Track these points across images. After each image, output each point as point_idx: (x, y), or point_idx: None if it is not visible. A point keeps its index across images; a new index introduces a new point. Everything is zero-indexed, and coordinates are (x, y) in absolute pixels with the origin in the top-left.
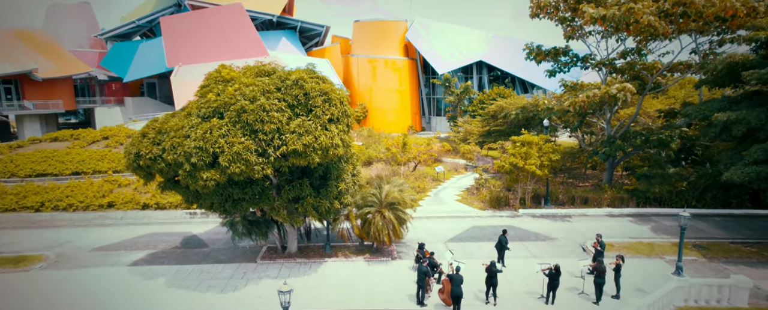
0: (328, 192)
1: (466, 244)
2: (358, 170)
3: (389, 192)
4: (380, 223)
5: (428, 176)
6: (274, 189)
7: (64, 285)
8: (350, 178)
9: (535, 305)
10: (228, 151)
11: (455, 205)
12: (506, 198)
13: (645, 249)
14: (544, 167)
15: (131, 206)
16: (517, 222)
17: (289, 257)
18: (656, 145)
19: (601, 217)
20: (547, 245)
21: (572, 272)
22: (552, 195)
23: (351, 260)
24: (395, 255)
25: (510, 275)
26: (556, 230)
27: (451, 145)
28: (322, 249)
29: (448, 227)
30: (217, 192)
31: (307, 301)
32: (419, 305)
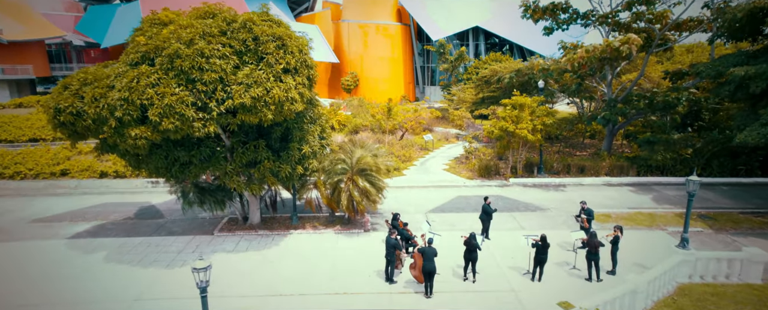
0: (289, 156)
1: (449, 215)
2: (328, 133)
3: (361, 157)
4: (351, 191)
5: (416, 145)
6: (227, 152)
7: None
8: (317, 141)
9: (519, 282)
10: (158, 104)
11: (442, 174)
12: (497, 167)
13: (645, 220)
14: (537, 131)
15: (88, 174)
16: (506, 192)
17: (250, 229)
18: (661, 108)
19: (598, 186)
20: (538, 215)
21: (563, 245)
22: (546, 163)
23: (319, 232)
24: (369, 227)
25: (494, 249)
26: (549, 200)
27: (441, 113)
28: (289, 221)
29: (431, 197)
30: (160, 155)
31: (259, 278)
32: (388, 282)
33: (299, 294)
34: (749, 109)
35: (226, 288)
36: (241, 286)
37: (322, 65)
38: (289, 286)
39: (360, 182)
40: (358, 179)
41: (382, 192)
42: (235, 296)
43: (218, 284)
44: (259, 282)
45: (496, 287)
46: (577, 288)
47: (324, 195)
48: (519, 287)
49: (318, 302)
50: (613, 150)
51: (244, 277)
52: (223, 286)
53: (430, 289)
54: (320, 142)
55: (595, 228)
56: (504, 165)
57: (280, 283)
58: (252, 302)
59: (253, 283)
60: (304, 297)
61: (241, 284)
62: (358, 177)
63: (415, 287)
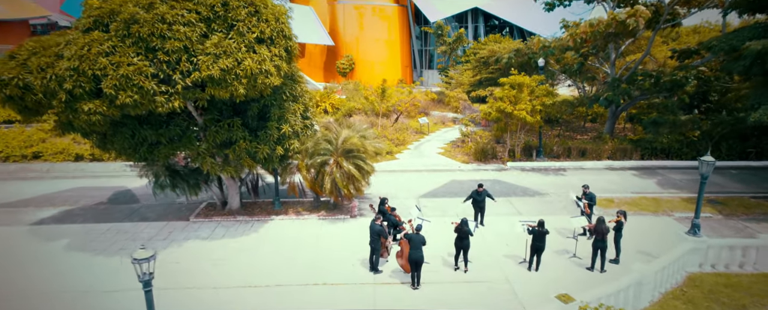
0: (267, 135)
1: (441, 200)
2: (313, 112)
3: (347, 137)
4: (335, 174)
5: (411, 129)
6: (199, 131)
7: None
8: (300, 120)
9: (515, 272)
10: (113, 75)
11: (436, 158)
12: (494, 150)
13: (650, 205)
14: (536, 113)
15: (62, 157)
16: (503, 176)
17: (229, 214)
18: (668, 88)
19: (600, 170)
20: (536, 200)
21: (562, 231)
22: (545, 147)
23: (302, 218)
24: (355, 213)
25: (489, 235)
26: (548, 184)
27: (438, 96)
28: (271, 206)
29: (424, 182)
30: (125, 134)
31: (234, 268)
32: (372, 271)
33: (276, 285)
34: (765, 86)
35: (196, 279)
36: (214, 276)
37: (318, 48)
38: (265, 276)
39: (345, 165)
40: (343, 162)
41: (368, 176)
42: (207, 287)
43: (188, 275)
44: (233, 272)
45: (490, 277)
46: (578, 278)
47: (307, 178)
48: (514, 277)
49: (295, 294)
50: (615, 134)
51: (217, 266)
52: (194, 276)
53: (418, 279)
54: (303, 121)
55: (597, 214)
56: (501, 149)
57: (256, 273)
58: (224, 295)
59: (227, 273)
60: (281, 289)
61: (214, 275)
62: (343, 159)
63: (401, 277)
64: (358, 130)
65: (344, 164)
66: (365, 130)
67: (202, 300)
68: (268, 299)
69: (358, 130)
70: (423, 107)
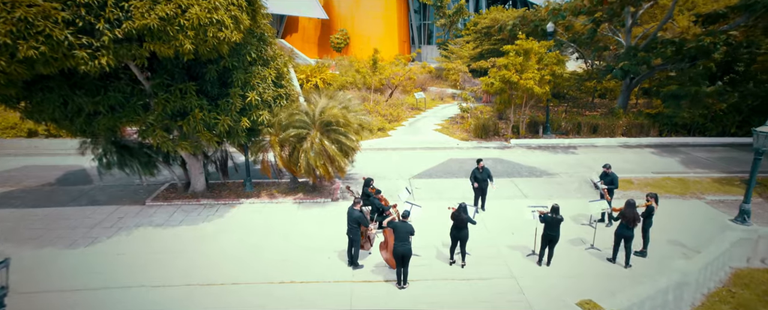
0: (229, 105)
1: (437, 181)
2: (288, 79)
3: (326, 108)
4: (311, 151)
5: (406, 105)
6: (146, 98)
7: None
8: (271, 88)
9: (522, 267)
10: (7, 18)
11: (432, 135)
12: (496, 127)
13: (676, 187)
14: (545, 83)
15: (14, 133)
16: (507, 154)
17: (191, 197)
18: (693, 55)
19: (614, 148)
20: (544, 182)
21: (577, 218)
22: (553, 123)
23: (275, 202)
24: (337, 195)
25: (490, 222)
26: (557, 163)
27: (437, 71)
28: (242, 187)
29: (418, 160)
30: (53, 100)
31: (187, 261)
32: (351, 266)
33: (233, 283)
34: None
35: (139, 274)
36: (161, 271)
37: (312, 22)
38: (223, 272)
39: (322, 140)
40: (320, 137)
41: (352, 154)
42: (150, 286)
43: (130, 270)
44: (186, 266)
45: (492, 274)
46: (598, 274)
47: (281, 156)
48: (521, 272)
49: (256, 295)
50: (629, 108)
51: (169, 259)
52: (137, 271)
53: (404, 276)
54: (276, 89)
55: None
56: (504, 125)
57: (214, 267)
58: (171, 294)
59: (177, 267)
60: (240, 288)
61: (162, 269)
62: (321, 134)
63: (385, 274)
64: (341, 101)
65: (322, 139)
66: (348, 101)
67: (143, 300)
68: (221, 303)
69: (340, 101)
70: (420, 83)
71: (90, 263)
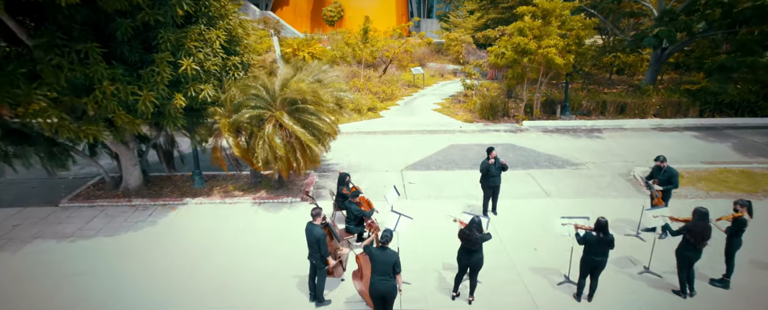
0: (154, 75)
1: (435, 173)
2: (245, 44)
3: (290, 81)
4: (272, 138)
5: (402, 82)
6: (32, 63)
7: None
8: (220, 54)
9: (553, 301)
10: None
11: (431, 116)
12: (505, 106)
13: (741, 181)
14: (570, 51)
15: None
16: (519, 139)
17: (122, 196)
18: (747, 17)
19: (646, 131)
20: (568, 174)
21: (619, 226)
22: (572, 102)
23: (230, 202)
24: (310, 193)
25: (504, 231)
26: (581, 150)
27: (436, 45)
28: (190, 183)
29: (413, 147)
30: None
31: (87, 290)
32: (313, 302)
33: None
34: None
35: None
36: (48, 304)
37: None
38: (137, 306)
39: (287, 123)
40: (283, 119)
41: (325, 141)
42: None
43: (23, 290)
44: (84, 296)
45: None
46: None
47: (236, 144)
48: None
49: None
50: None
51: (62, 286)
52: (15, 303)
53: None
54: (227, 58)
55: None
56: (514, 104)
57: (122, 299)
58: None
59: (72, 298)
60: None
61: (50, 301)
62: (284, 115)
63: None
64: (313, 73)
65: (286, 121)
66: (323, 73)
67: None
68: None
69: (312, 73)
70: (418, 57)
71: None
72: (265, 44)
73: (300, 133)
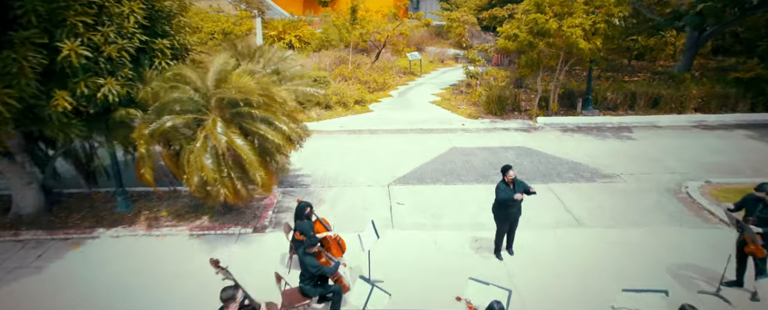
0: (10, 63)
1: (431, 190)
2: (181, 24)
3: (228, 75)
4: (199, 159)
5: (396, 68)
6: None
7: None
8: (134, 34)
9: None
10: None
11: (428, 110)
12: (515, 99)
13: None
14: (598, 33)
15: None
16: (534, 140)
17: (9, 227)
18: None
19: (686, 129)
20: (600, 189)
21: (682, 275)
22: (595, 93)
23: (157, 235)
24: (266, 220)
25: (524, 286)
26: (610, 155)
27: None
28: (112, 205)
29: (405, 150)
30: None
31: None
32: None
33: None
34: None
35: None
36: None
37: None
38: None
39: (218, 135)
40: (215, 130)
41: (280, 157)
42: None
43: None
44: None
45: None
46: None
47: (166, 156)
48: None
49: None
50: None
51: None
52: None
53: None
54: (152, 41)
55: (717, 215)
56: (525, 96)
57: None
58: None
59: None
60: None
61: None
62: (218, 124)
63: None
64: (271, 60)
65: (218, 133)
66: (282, 60)
67: None
68: None
69: (270, 61)
70: (416, 41)
71: None
72: (245, 27)
73: (239, 147)
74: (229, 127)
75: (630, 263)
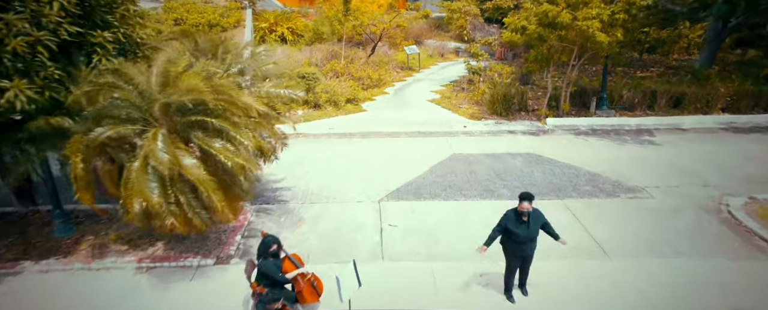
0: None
1: (428, 207)
2: (129, 11)
3: (178, 75)
4: (140, 184)
5: (393, 63)
6: None
7: None
8: (62, 24)
9: None
10: None
11: (426, 109)
12: (522, 97)
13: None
14: (616, 25)
15: None
16: (544, 145)
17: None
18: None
19: (714, 132)
20: (624, 207)
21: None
22: (610, 92)
23: (97, 268)
24: (230, 249)
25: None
26: (633, 163)
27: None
28: (50, 230)
29: (399, 158)
30: None
31: None
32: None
33: None
34: None
35: None
36: None
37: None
38: None
39: (158, 152)
40: (154, 147)
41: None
42: None
43: None
44: None
45: None
46: None
47: (105, 173)
48: None
49: None
50: None
51: None
52: None
53: None
54: (89, 33)
55: None
56: (532, 94)
57: None
58: None
59: None
60: None
61: None
62: (159, 138)
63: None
64: (237, 56)
65: (157, 150)
66: (253, 58)
67: None
68: None
69: (239, 58)
70: (414, 34)
71: None
72: (233, 18)
73: (187, 170)
74: (175, 142)
75: (670, 307)
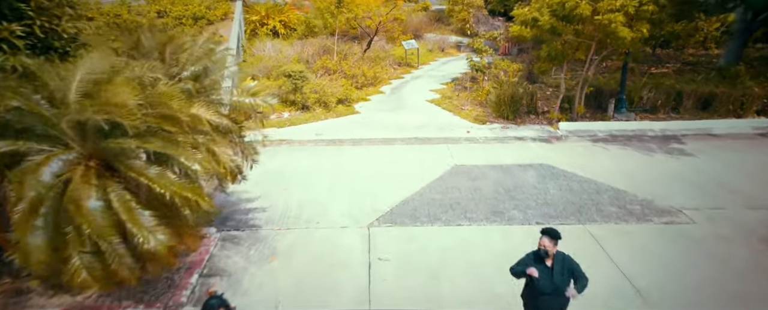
0: None
1: (426, 235)
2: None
3: (105, 82)
4: (38, 217)
5: (390, 59)
6: None
7: None
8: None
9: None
10: None
11: (425, 111)
12: (531, 98)
13: None
14: (642, 18)
15: None
16: (558, 155)
17: None
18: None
19: (751, 138)
20: (660, 235)
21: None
22: (630, 92)
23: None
24: (183, 293)
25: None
26: (662, 178)
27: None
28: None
29: (393, 171)
30: None
31: None
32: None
33: None
34: None
35: None
36: None
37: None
38: None
39: (89, 182)
40: (84, 169)
41: (191, 208)
42: None
43: None
44: None
45: None
46: None
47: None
48: None
49: None
50: None
51: None
52: None
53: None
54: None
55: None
56: (541, 93)
57: None
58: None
59: None
60: None
61: None
62: (87, 161)
63: None
64: (193, 56)
65: (88, 176)
66: (211, 57)
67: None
68: None
69: (192, 59)
70: (413, 28)
71: None
72: (221, 11)
73: (117, 205)
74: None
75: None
